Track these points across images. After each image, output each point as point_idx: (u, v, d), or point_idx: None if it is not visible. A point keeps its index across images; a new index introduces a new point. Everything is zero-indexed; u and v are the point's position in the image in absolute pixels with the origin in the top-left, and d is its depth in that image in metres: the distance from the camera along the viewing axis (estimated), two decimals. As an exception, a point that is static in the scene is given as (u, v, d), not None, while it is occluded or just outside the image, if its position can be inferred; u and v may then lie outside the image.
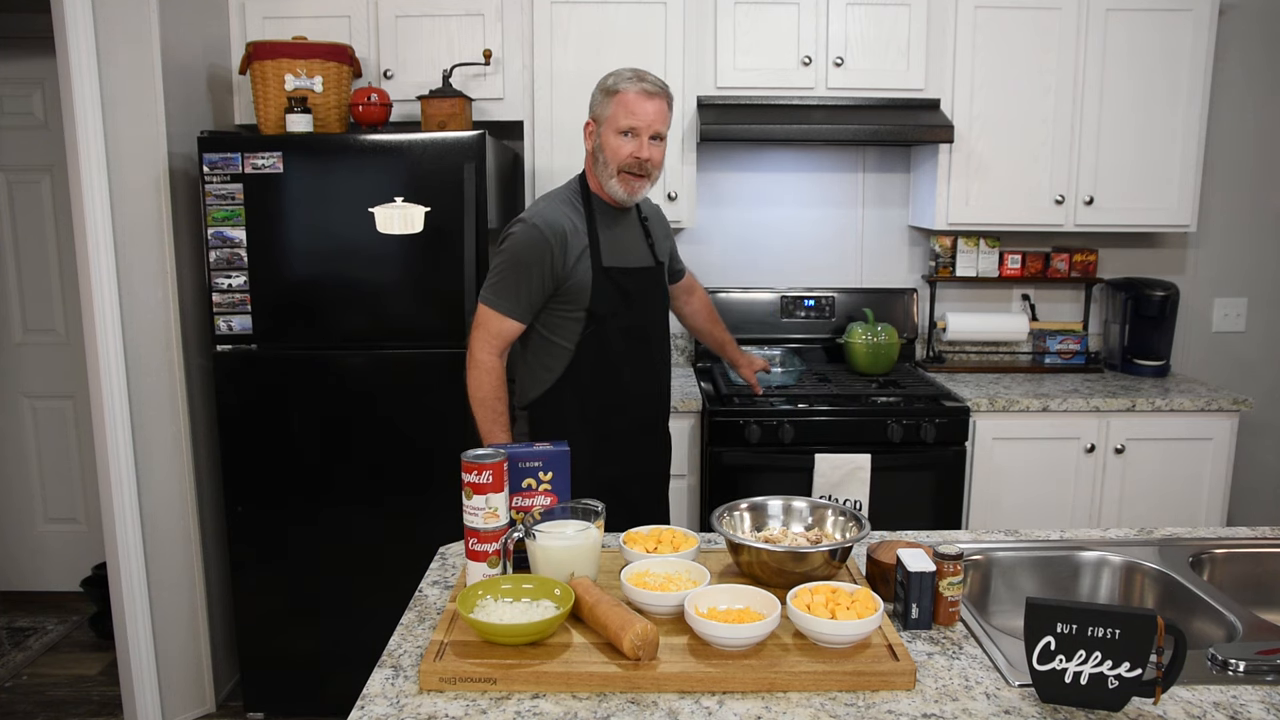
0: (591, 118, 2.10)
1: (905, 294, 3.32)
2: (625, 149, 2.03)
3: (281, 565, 2.70)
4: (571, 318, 2.07)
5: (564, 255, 2.03)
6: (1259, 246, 3.44)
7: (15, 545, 3.72)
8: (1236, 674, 1.24)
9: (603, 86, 2.07)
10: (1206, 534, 1.77)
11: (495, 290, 2.04)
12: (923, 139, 2.98)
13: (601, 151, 2.06)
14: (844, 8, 2.91)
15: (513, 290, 2.03)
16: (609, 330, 2.09)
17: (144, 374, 2.66)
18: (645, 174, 2.07)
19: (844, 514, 1.56)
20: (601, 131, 2.06)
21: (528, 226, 2.02)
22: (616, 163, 2.04)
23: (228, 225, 2.55)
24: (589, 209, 2.11)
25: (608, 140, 2.05)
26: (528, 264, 2.01)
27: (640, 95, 2.02)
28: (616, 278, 2.09)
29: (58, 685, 3.05)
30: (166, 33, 2.59)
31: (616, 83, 2.04)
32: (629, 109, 2.02)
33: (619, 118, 2.03)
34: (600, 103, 2.07)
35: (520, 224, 2.04)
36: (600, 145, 2.07)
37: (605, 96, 2.06)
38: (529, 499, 1.51)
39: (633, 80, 2.04)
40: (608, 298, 2.07)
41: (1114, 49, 2.95)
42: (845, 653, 1.24)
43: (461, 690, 1.20)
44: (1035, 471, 2.85)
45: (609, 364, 2.10)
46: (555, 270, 2.02)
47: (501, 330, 2.05)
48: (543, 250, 2.01)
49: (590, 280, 2.05)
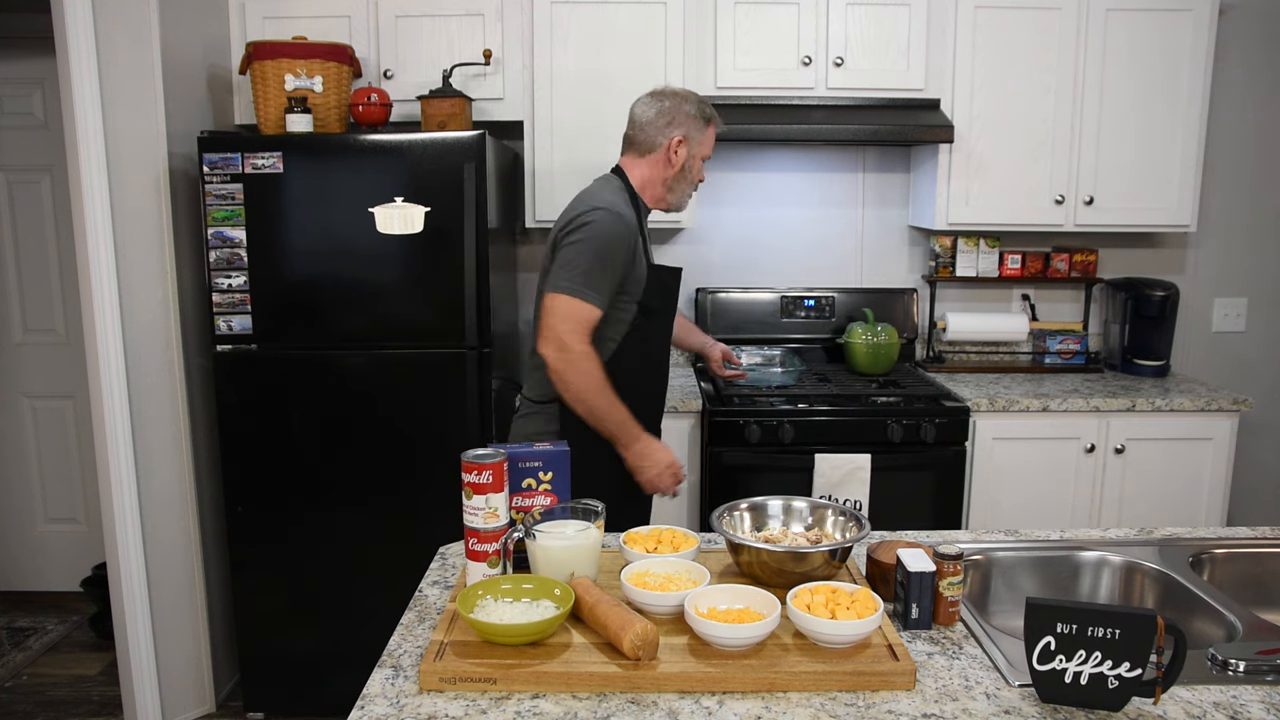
0: (684, 136, 2.16)
1: (905, 294, 3.32)
2: (701, 173, 2.25)
3: (281, 565, 2.70)
4: (623, 311, 2.10)
5: (635, 247, 2.09)
6: (1259, 246, 3.44)
7: (15, 545, 3.72)
8: (1236, 674, 1.24)
9: (703, 114, 2.19)
10: (1206, 534, 1.77)
11: (586, 279, 2.00)
12: (923, 139, 2.98)
13: (689, 171, 2.20)
14: (844, 8, 2.91)
15: (600, 278, 2.01)
16: (655, 325, 2.18)
17: (144, 374, 2.66)
18: None
19: (844, 514, 1.56)
20: (693, 153, 2.19)
21: (611, 215, 2.03)
22: (693, 182, 2.24)
23: (228, 225, 2.55)
24: (636, 208, 2.17)
25: (696, 163, 2.21)
26: (614, 252, 2.03)
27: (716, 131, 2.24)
28: (663, 275, 2.18)
29: (58, 685, 3.05)
30: (166, 33, 2.59)
31: (711, 114, 2.21)
32: (712, 143, 2.23)
33: (707, 146, 2.21)
34: (698, 127, 2.18)
35: (600, 212, 2.03)
36: (689, 165, 2.20)
37: (705, 124, 2.19)
38: (529, 499, 1.51)
39: (717, 116, 2.23)
40: (658, 293, 2.15)
41: (1114, 49, 2.95)
42: (845, 653, 1.24)
43: (461, 690, 1.20)
44: (1035, 471, 2.85)
45: (649, 358, 2.19)
46: (629, 260, 2.07)
47: (591, 319, 2.02)
48: (626, 239, 2.05)
49: (645, 274, 2.12)
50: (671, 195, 2.21)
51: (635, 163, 2.19)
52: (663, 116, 2.15)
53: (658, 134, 2.16)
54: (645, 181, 2.19)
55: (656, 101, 2.17)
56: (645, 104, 2.19)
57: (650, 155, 2.17)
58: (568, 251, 2.02)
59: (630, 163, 2.20)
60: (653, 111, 2.16)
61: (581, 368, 2.01)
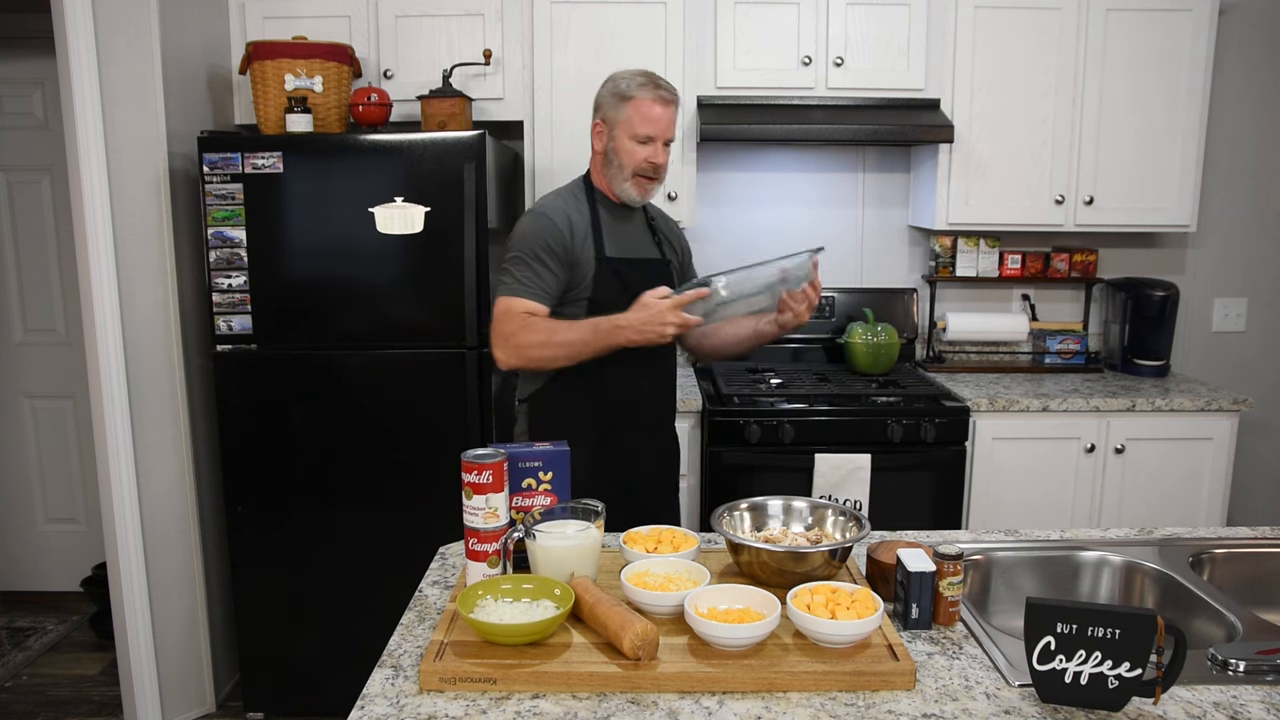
0: (601, 119, 2.07)
1: (905, 294, 3.32)
2: (640, 154, 2.04)
3: (281, 565, 2.70)
4: (573, 307, 2.05)
5: (571, 239, 2.03)
6: (1259, 246, 3.44)
7: (15, 545, 3.72)
8: (1236, 674, 1.24)
9: (615, 90, 2.04)
10: (1206, 534, 1.77)
11: (515, 278, 2.00)
12: (923, 139, 2.99)
13: (615, 155, 2.06)
14: (844, 8, 2.91)
15: (530, 274, 1.99)
16: None
17: (144, 374, 2.66)
18: (658, 178, 2.09)
19: (844, 514, 1.56)
20: (615, 135, 2.05)
21: (534, 215, 2.05)
22: (632, 167, 2.05)
23: (228, 225, 2.55)
24: (593, 203, 2.11)
25: (622, 144, 2.04)
26: (538, 248, 2.00)
27: (656, 102, 2.02)
28: (619, 268, 2.08)
29: (58, 685, 3.05)
30: (166, 33, 2.59)
31: (630, 88, 2.02)
32: (646, 117, 2.02)
33: (635, 125, 2.02)
34: (613, 105, 2.05)
35: (525, 215, 2.07)
36: (613, 149, 2.06)
37: (619, 101, 2.03)
38: (529, 499, 1.51)
39: (648, 87, 2.03)
40: (609, 287, 2.05)
41: (1114, 49, 2.95)
42: (845, 653, 1.24)
43: (461, 690, 1.20)
44: (1035, 471, 2.85)
45: (610, 358, 2.00)
46: (567, 253, 2.02)
47: (522, 308, 1.98)
48: (552, 232, 2.01)
49: (593, 269, 2.05)
50: (613, 184, 2.09)
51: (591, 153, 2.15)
52: (593, 102, 2.10)
53: (591, 121, 2.11)
54: (596, 173, 2.13)
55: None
56: None
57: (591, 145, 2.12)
58: (508, 254, 2.04)
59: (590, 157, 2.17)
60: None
61: (532, 340, 1.96)
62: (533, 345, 1.96)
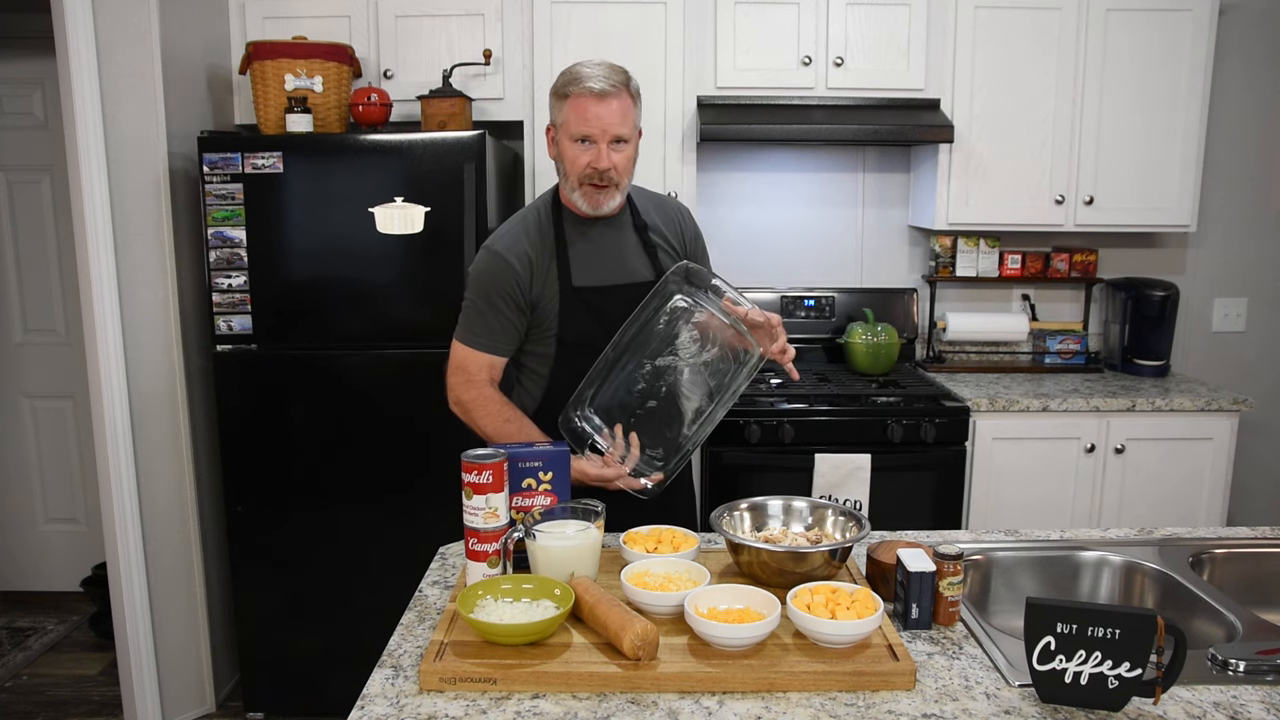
0: (550, 121, 1.84)
1: (905, 294, 3.32)
2: (583, 159, 1.78)
3: (281, 565, 2.70)
4: (542, 344, 1.88)
5: (531, 279, 1.83)
6: (1259, 246, 3.44)
7: (15, 545, 3.72)
8: (1236, 674, 1.24)
9: (554, 88, 1.81)
10: (1206, 534, 1.77)
11: (467, 325, 1.87)
12: (923, 139, 2.99)
13: (561, 162, 1.83)
14: (844, 8, 2.91)
15: (483, 323, 1.84)
16: (581, 354, 1.82)
17: (144, 374, 2.66)
18: (609, 183, 1.80)
19: (844, 514, 1.56)
20: (559, 139, 1.81)
21: (489, 254, 1.85)
22: (575, 174, 1.80)
23: (228, 225, 2.55)
24: (558, 223, 1.88)
25: (565, 149, 1.80)
26: (491, 293, 1.83)
27: (591, 98, 1.74)
28: (588, 298, 1.85)
29: (58, 685, 3.05)
30: (166, 33, 2.59)
31: (565, 84, 1.78)
32: (581, 115, 1.75)
33: (571, 124, 1.77)
34: (554, 107, 1.81)
35: (482, 251, 1.87)
36: (559, 154, 1.83)
37: (558, 101, 1.80)
38: (529, 499, 1.51)
39: (579, 80, 1.76)
40: (578, 321, 1.85)
41: (1114, 49, 2.95)
42: (845, 653, 1.24)
43: (461, 690, 1.20)
44: (1035, 471, 2.85)
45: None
46: (524, 295, 1.83)
47: (477, 364, 1.87)
48: (505, 277, 1.82)
49: (558, 304, 1.84)
50: (569, 192, 1.84)
51: None
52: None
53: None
54: (561, 186, 1.88)
55: None
56: None
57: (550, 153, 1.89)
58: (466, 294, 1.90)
59: None
60: None
61: (474, 417, 1.87)
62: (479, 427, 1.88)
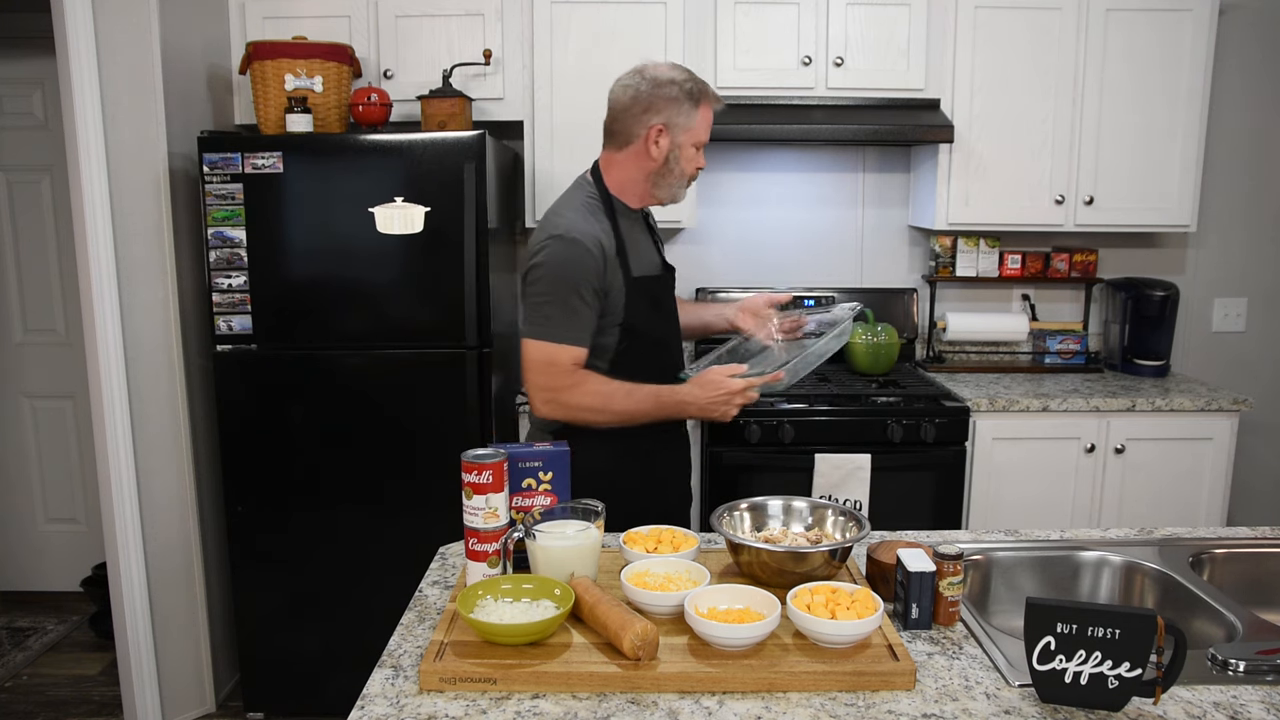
0: (664, 123, 1.86)
1: (905, 294, 3.32)
2: (698, 161, 1.93)
3: (281, 565, 2.70)
4: (607, 336, 1.88)
5: (605, 268, 1.84)
6: (1259, 246, 3.44)
7: (15, 545, 3.72)
8: (1236, 674, 1.24)
9: (685, 91, 1.85)
10: (1206, 534, 1.77)
11: (555, 321, 1.80)
12: (923, 139, 2.99)
13: (677, 162, 1.90)
14: (844, 8, 2.91)
15: (574, 317, 1.81)
16: (643, 344, 1.92)
17: (144, 374, 2.66)
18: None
19: (844, 514, 1.56)
20: (680, 140, 1.88)
21: (565, 242, 1.81)
22: (690, 173, 1.92)
23: (228, 225, 2.55)
24: (613, 218, 1.91)
25: (686, 151, 1.89)
26: (579, 283, 1.80)
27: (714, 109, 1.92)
28: (646, 286, 1.93)
29: (58, 685, 3.05)
30: (166, 33, 2.59)
31: (699, 90, 1.87)
32: (708, 123, 1.90)
33: (701, 131, 1.89)
34: (683, 110, 1.86)
35: (554, 242, 1.82)
36: (676, 155, 1.89)
37: (689, 104, 1.86)
38: (529, 499, 1.51)
39: (709, 90, 1.89)
40: (640, 310, 1.90)
41: (1114, 49, 2.95)
42: (845, 653, 1.24)
43: (461, 690, 1.20)
44: (1035, 471, 2.85)
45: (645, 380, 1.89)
46: (603, 284, 1.84)
47: (571, 359, 1.83)
48: (592, 266, 1.81)
49: (624, 292, 1.88)
50: (659, 191, 1.93)
51: (613, 159, 1.93)
52: (639, 102, 1.86)
53: (635, 123, 1.87)
54: (625, 181, 1.92)
55: (634, 83, 1.87)
56: (623, 85, 1.89)
57: (629, 148, 1.89)
58: (531, 291, 1.84)
59: (608, 160, 1.94)
60: (629, 96, 1.87)
61: (584, 404, 1.85)
62: (584, 409, 1.85)
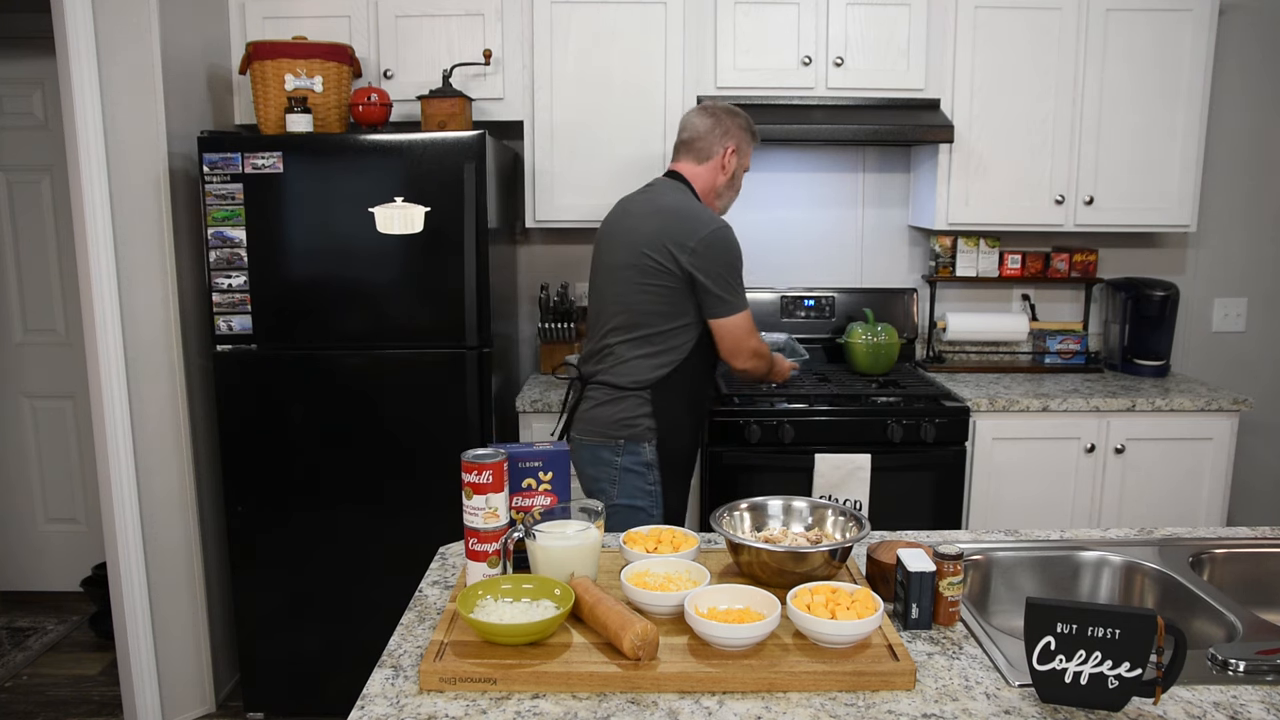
0: (735, 148, 2.34)
1: (905, 294, 3.32)
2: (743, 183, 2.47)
3: (281, 565, 2.70)
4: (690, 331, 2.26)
5: None
6: (1259, 246, 3.44)
7: (15, 545, 3.72)
8: (1236, 674, 1.24)
9: (750, 129, 2.37)
10: (1206, 534, 1.77)
11: (740, 292, 2.25)
12: (923, 139, 2.98)
13: (736, 181, 2.40)
14: (844, 8, 2.91)
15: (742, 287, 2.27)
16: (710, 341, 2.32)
17: (144, 374, 2.66)
18: None
19: (844, 514, 1.56)
20: (741, 163, 2.37)
21: (729, 229, 2.24)
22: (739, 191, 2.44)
23: (228, 225, 2.55)
24: None
25: (739, 174, 2.39)
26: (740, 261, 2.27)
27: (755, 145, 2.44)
28: None
29: (58, 685, 3.05)
30: (166, 33, 2.59)
31: (754, 128, 2.39)
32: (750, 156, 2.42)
33: (748, 160, 2.40)
34: (747, 140, 2.37)
35: (722, 226, 2.23)
36: (737, 175, 2.38)
37: (750, 137, 2.37)
38: (529, 499, 1.51)
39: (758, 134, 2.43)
40: None
41: (1114, 49, 2.95)
42: (845, 653, 1.24)
43: (461, 690, 1.20)
44: (1035, 471, 2.85)
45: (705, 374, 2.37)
46: None
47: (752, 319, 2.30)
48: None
49: None
50: (720, 201, 2.38)
51: (695, 169, 2.33)
52: (719, 126, 2.32)
53: (715, 142, 2.32)
54: (706, 187, 2.34)
55: (711, 113, 2.34)
56: (700, 115, 2.34)
57: (708, 162, 2.33)
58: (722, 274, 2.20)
59: (690, 169, 2.33)
60: (710, 121, 2.32)
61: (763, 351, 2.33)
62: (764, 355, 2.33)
